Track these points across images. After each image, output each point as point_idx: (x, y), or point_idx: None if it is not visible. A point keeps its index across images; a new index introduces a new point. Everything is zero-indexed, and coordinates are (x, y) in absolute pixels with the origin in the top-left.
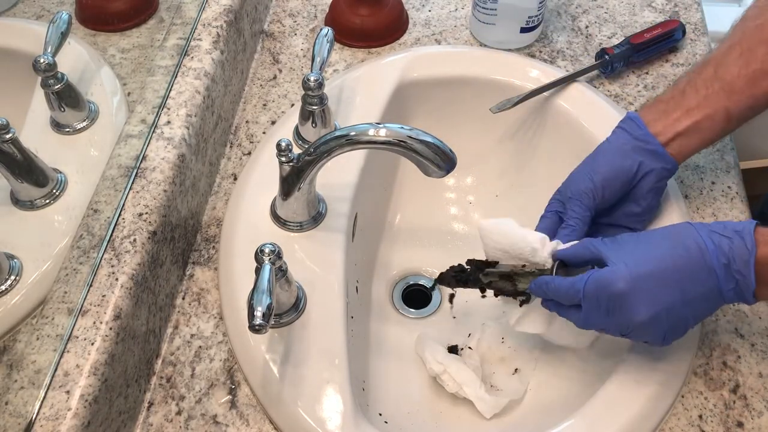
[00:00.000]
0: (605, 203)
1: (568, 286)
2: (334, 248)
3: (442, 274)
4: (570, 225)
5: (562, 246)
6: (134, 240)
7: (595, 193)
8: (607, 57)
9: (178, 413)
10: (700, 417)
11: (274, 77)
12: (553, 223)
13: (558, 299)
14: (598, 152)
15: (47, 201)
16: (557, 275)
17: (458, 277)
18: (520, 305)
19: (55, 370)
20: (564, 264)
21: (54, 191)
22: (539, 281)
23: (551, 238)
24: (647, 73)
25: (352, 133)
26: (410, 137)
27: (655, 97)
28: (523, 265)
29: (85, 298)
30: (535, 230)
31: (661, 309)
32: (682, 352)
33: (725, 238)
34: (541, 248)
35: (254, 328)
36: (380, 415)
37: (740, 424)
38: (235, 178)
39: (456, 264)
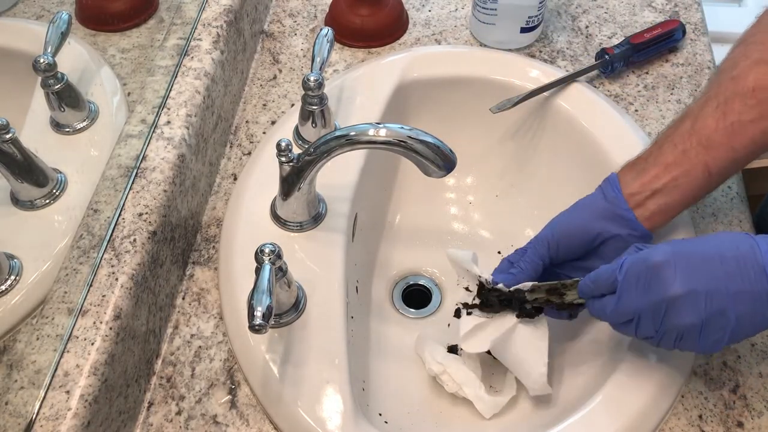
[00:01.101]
0: (560, 257)
1: (606, 269)
2: (334, 248)
3: (482, 298)
4: (519, 266)
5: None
6: (134, 240)
7: (551, 243)
8: (607, 57)
9: (178, 413)
10: (700, 417)
11: (274, 77)
12: (518, 257)
13: (597, 287)
14: (572, 207)
15: (47, 201)
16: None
17: (502, 297)
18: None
19: (55, 370)
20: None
21: (54, 191)
22: (586, 278)
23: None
24: (647, 73)
25: (352, 133)
26: (410, 137)
27: (636, 155)
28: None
29: (85, 298)
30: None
31: (700, 288)
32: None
33: None
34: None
35: (254, 328)
36: (380, 415)
37: (740, 424)
38: (235, 178)
39: (483, 284)
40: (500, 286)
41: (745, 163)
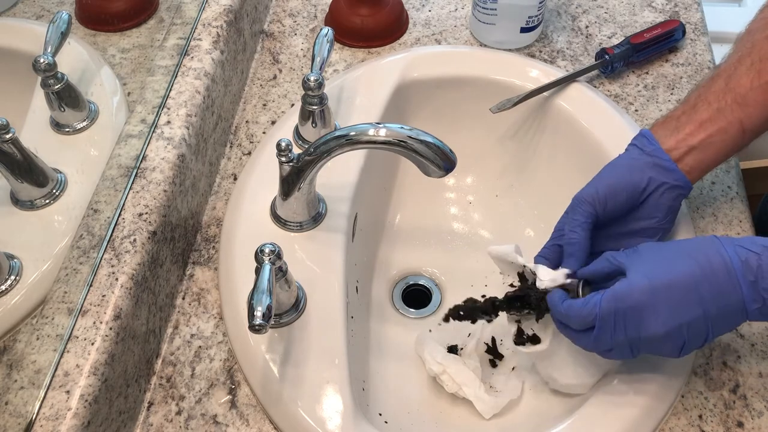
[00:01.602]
0: (608, 214)
1: (580, 307)
2: (334, 248)
3: (523, 292)
4: (570, 237)
5: (548, 273)
6: (134, 240)
7: (597, 201)
8: (607, 57)
9: (178, 413)
10: (700, 417)
11: (274, 77)
12: (554, 253)
13: (569, 323)
14: (607, 167)
15: (47, 201)
16: (583, 295)
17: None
18: (537, 321)
19: (55, 370)
20: (588, 282)
21: (54, 191)
22: (553, 299)
23: (555, 267)
24: (647, 73)
25: (352, 133)
26: (410, 137)
27: (666, 114)
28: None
29: (85, 298)
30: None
31: (682, 323)
32: None
33: (753, 253)
34: (541, 277)
35: (254, 328)
36: (380, 415)
37: (740, 424)
38: (235, 178)
39: (525, 275)
40: (540, 283)
41: None
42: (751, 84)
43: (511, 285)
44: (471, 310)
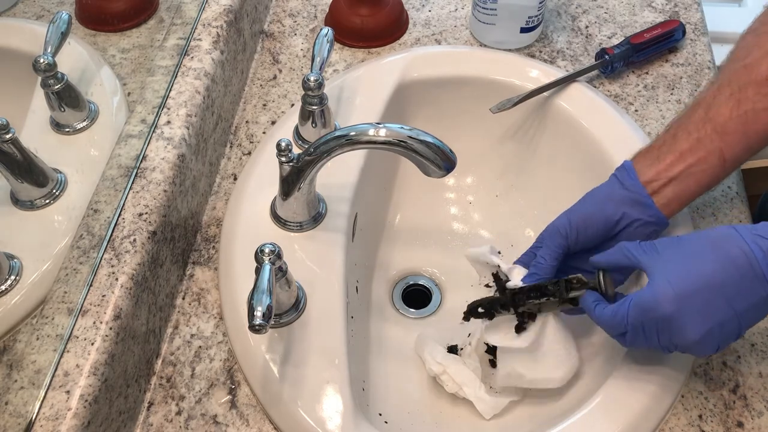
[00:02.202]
0: (580, 244)
1: (611, 317)
2: (334, 248)
3: (499, 292)
4: (539, 261)
5: (521, 275)
6: (134, 240)
7: (569, 232)
8: (607, 57)
9: (178, 413)
10: (700, 417)
11: (274, 77)
12: (530, 259)
13: (604, 330)
14: (585, 196)
15: (47, 201)
16: (605, 285)
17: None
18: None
19: (55, 370)
20: (607, 271)
21: (54, 191)
22: (585, 304)
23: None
24: (647, 73)
25: (352, 133)
26: (410, 137)
27: (648, 144)
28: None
29: (85, 298)
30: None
31: (714, 325)
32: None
33: None
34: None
35: (254, 328)
36: (380, 415)
37: (740, 424)
38: (235, 178)
39: (499, 276)
40: (511, 284)
41: (757, 150)
42: (731, 114)
43: (487, 285)
44: (490, 304)
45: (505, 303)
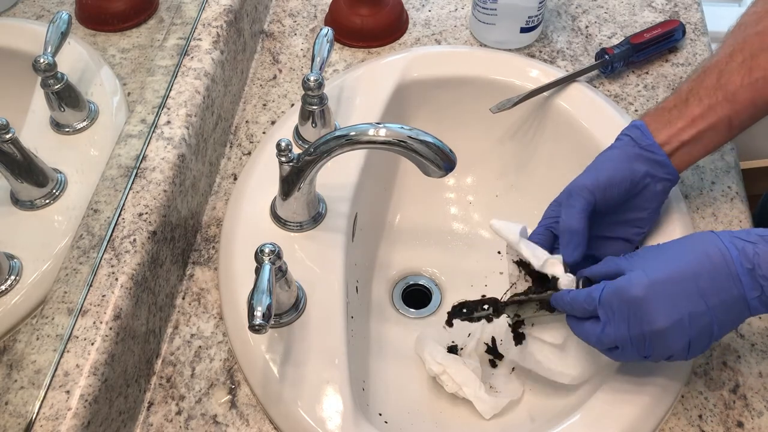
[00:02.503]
0: (605, 204)
1: (585, 295)
2: (334, 248)
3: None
4: (570, 224)
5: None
6: (134, 240)
7: (597, 189)
8: (607, 57)
9: (178, 413)
10: (700, 417)
11: (274, 77)
12: (546, 239)
13: (574, 312)
14: (601, 157)
15: (47, 201)
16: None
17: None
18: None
19: (55, 370)
20: (589, 281)
21: (54, 191)
22: (557, 294)
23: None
24: (647, 73)
25: (352, 133)
26: (410, 137)
27: (658, 105)
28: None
29: (85, 298)
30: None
31: (683, 315)
32: None
33: (749, 243)
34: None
35: (254, 328)
36: (380, 415)
37: (740, 424)
38: (235, 178)
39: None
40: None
41: (762, 116)
42: (742, 81)
43: (518, 262)
44: (473, 306)
45: (488, 305)
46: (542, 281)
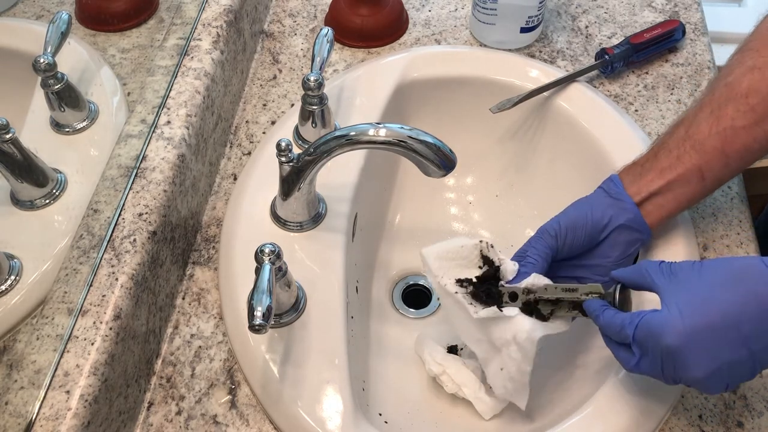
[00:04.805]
0: (567, 248)
1: (619, 327)
2: (334, 248)
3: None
4: (528, 260)
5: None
6: (134, 240)
7: (558, 233)
8: (607, 57)
9: (178, 413)
10: (700, 417)
11: (274, 77)
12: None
13: (608, 334)
14: (573, 204)
15: (47, 201)
16: (618, 300)
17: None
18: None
19: (55, 370)
20: (624, 286)
21: (54, 191)
22: (592, 307)
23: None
24: (647, 73)
25: (352, 133)
26: (410, 137)
27: (632, 161)
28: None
29: (85, 298)
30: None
31: (722, 365)
32: None
33: None
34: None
35: (254, 328)
36: (380, 415)
37: (740, 424)
38: (235, 178)
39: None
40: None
41: (738, 170)
42: (710, 131)
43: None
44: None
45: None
46: (490, 264)
